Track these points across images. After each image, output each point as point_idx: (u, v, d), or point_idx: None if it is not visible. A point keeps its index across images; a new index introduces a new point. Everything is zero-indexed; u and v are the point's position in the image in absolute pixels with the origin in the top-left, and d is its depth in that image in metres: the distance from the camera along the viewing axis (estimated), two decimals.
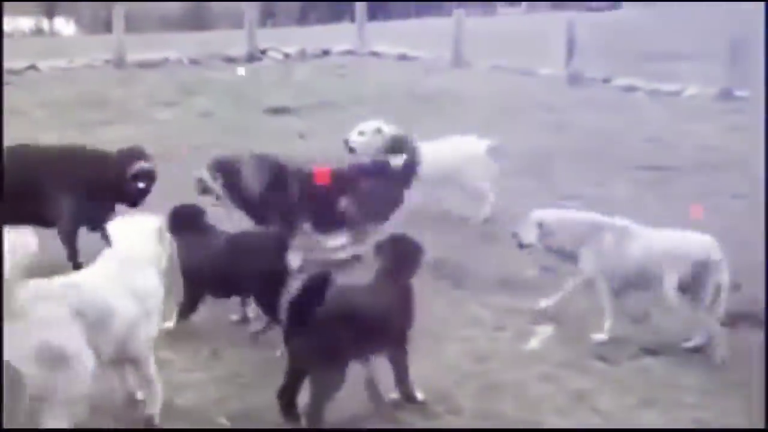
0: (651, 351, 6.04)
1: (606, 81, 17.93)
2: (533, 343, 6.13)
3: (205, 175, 7.48)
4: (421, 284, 6.94)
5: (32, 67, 18.60)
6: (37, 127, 12.54)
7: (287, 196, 7.46)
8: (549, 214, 6.48)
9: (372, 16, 23.24)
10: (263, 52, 21.15)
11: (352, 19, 23.56)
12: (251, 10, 21.21)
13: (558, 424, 5.11)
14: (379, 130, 8.70)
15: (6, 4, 34.55)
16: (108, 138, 11.87)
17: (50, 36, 36.91)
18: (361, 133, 8.77)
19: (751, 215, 7.83)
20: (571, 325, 6.40)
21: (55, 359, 4.21)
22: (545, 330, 6.30)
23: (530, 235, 6.44)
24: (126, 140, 11.64)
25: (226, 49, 20.82)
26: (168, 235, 5.21)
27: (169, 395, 5.13)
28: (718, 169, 10.90)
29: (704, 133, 13.25)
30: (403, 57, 21.34)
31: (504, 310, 6.64)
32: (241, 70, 17.90)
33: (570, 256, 6.42)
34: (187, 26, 32.29)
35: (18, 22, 37.54)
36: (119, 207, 7.19)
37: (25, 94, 15.60)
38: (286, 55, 21.34)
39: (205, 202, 7.11)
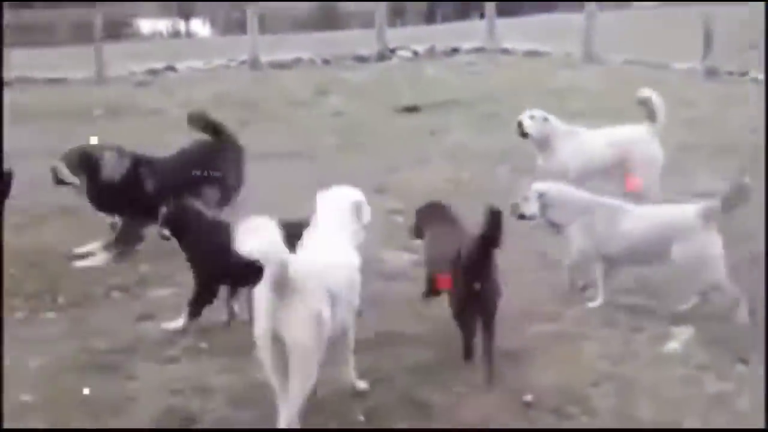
0: None
1: (743, 75, 17.45)
2: (672, 345, 6.03)
3: (61, 166, 7.72)
4: (554, 285, 6.99)
5: (170, 68, 19.19)
6: (174, 126, 12.91)
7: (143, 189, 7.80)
8: (550, 186, 6.87)
9: (501, 12, 23.11)
10: (393, 51, 21.30)
11: (481, 17, 23.51)
12: (381, 10, 21.38)
13: (697, 427, 5.02)
14: (545, 119, 8.80)
15: (145, 6, 35.76)
16: (245, 138, 12.16)
17: (186, 37, 37.91)
18: (531, 117, 8.82)
19: None
20: (712, 327, 6.26)
21: (321, 330, 4.65)
22: (684, 331, 6.19)
23: (532, 207, 6.75)
24: (261, 140, 11.96)
25: (357, 48, 21.04)
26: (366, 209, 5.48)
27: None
28: None
29: None
30: (533, 53, 21.18)
31: (641, 312, 6.54)
32: None
33: (561, 231, 6.80)
34: (318, 26, 32.72)
35: (156, 25, 38.72)
36: None
37: (163, 95, 16.10)
38: (416, 54, 21.44)
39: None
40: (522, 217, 6.82)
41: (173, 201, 6.43)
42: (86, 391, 5.23)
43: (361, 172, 10.33)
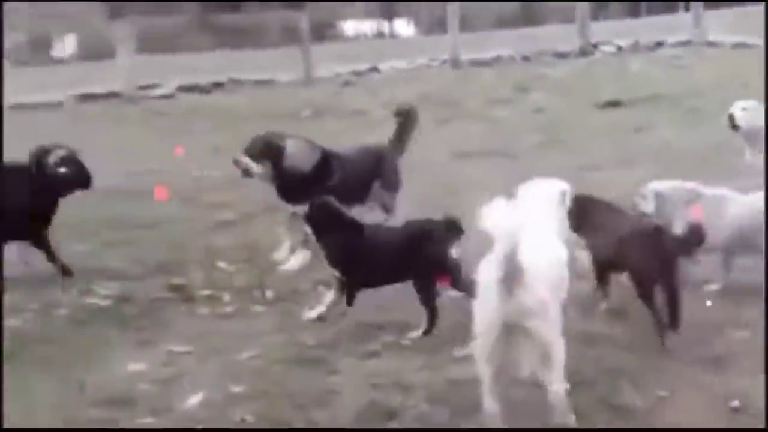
0: None
1: None
2: None
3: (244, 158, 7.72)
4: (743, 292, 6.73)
5: (374, 68, 19.59)
6: (378, 126, 13.18)
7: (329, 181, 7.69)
8: (664, 185, 6.78)
9: (708, 4, 22.42)
10: (595, 45, 21.02)
11: (686, 10, 22.88)
12: (583, 4, 21.13)
13: None
14: (758, 107, 8.57)
15: (350, 8, 36.51)
16: (446, 136, 12.28)
17: (390, 38, 38.48)
18: (744, 109, 8.58)
19: None
20: None
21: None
22: None
23: (649, 206, 6.69)
24: (464, 139, 12.06)
25: (557, 44, 20.87)
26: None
27: None
28: None
29: None
30: (741, 45, 20.44)
31: None
32: None
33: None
34: (518, 23, 32.62)
35: (360, 26, 39.50)
36: None
37: (366, 95, 16.44)
38: (619, 48, 21.09)
39: None
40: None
41: (316, 200, 6.58)
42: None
43: (561, 171, 10.28)
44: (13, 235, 7.36)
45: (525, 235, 4.57)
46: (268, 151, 7.72)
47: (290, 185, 7.72)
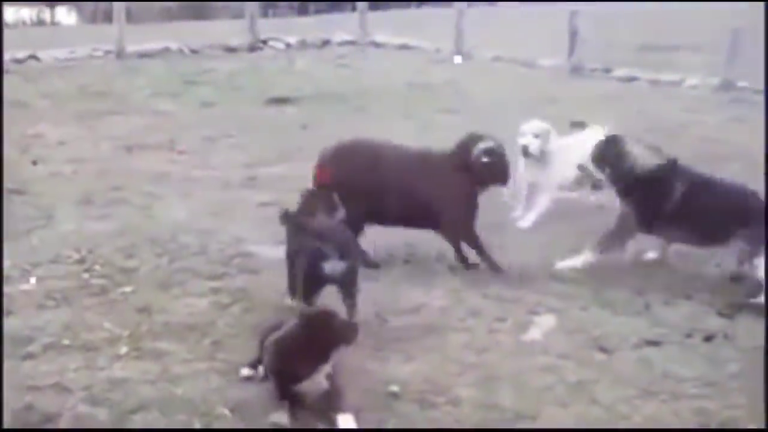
0: (652, 342, 6.03)
1: (607, 72, 17.93)
2: (533, 334, 6.13)
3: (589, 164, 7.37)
4: (423, 275, 7.05)
5: (33, 56, 18.61)
6: (39, 117, 12.57)
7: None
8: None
9: (373, 5, 23.19)
10: (264, 42, 21.14)
11: (353, 10, 23.54)
12: (252, 1, 21.19)
13: (557, 415, 5.10)
14: (549, 131, 8.43)
15: None
16: (111, 130, 11.95)
17: (51, 26, 36.87)
18: (536, 136, 8.38)
19: None
20: (572, 316, 6.41)
21: None
22: (546, 321, 6.31)
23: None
24: (129, 131, 11.75)
25: (227, 39, 20.81)
26: None
27: (169, 386, 5.16)
28: (720, 160, 10.88)
29: (705, 123, 13.25)
30: (404, 47, 21.33)
31: (505, 301, 6.64)
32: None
33: None
34: (187, 16, 32.27)
35: (20, 12, 37.56)
36: None
37: (26, 85, 15.61)
38: (288, 45, 21.33)
39: None
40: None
41: None
42: None
43: (231, 165, 10.27)
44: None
45: None
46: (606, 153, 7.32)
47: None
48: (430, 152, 7.44)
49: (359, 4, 22.21)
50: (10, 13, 37.36)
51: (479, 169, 7.15)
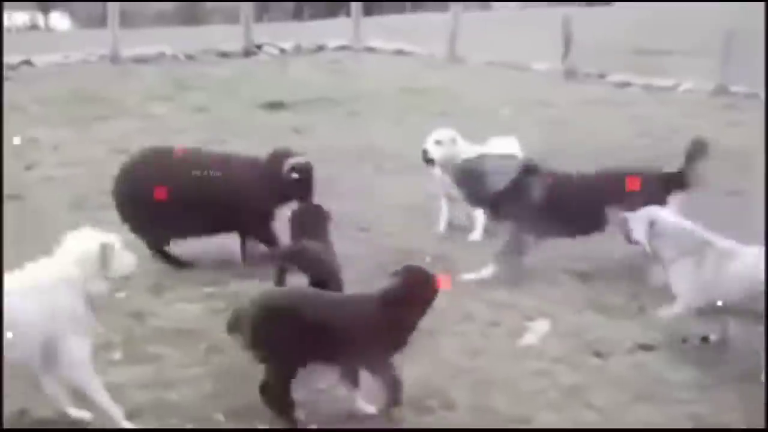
0: (646, 346, 6.04)
1: (601, 76, 17.95)
2: (528, 339, 6.14)
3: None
4: None
5: (27, 62, 18.56)
6: (34, 122, 12.55)
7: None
8: (664, 215, 6.31)
9: (367, 11, 23.19)
10: (258, 47, 21.12)
11: (348, 15, 23.52)
12: (247, 5, 21.18)
13: (551, 419, 5.12)
14: (454, 140, 8.23)
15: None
16: (104, 134, 11.93)
17: (45, 31, 36.85)
18: (438, 143, 8.20)
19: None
20: (566, 321, 6.41)
21: None
22: (540, 325, 6.32)
23: (641, 232, 6.24)
24: (123, 136, 11.72)
25: (222, 44, 20.80)
26: (114, 254, 4.92)
27: (164, 391, 5.16)
28: (713, 163, 10.89)
29: (700, 128, 13.24)
30: (398, 52, 21.32)
31: (499, 306, 6.65)
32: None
33: (666, 264, 6.24)
34: (182, 22, 32.28)
35: (13, 17, 37.51)
36: None
37: (20, 90, 15.56)
38: (282, 51, 21.32)
39: None
40: (630, 241, 6.41)
41: None
42: None
43: None
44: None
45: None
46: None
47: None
48: (239, 160, 7.66)
49: (353, 10, 22.20)
50: (4, 17, 37.36)
51: (287, 183, 7.34)
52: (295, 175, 7.33)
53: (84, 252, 4.83)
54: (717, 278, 5.86)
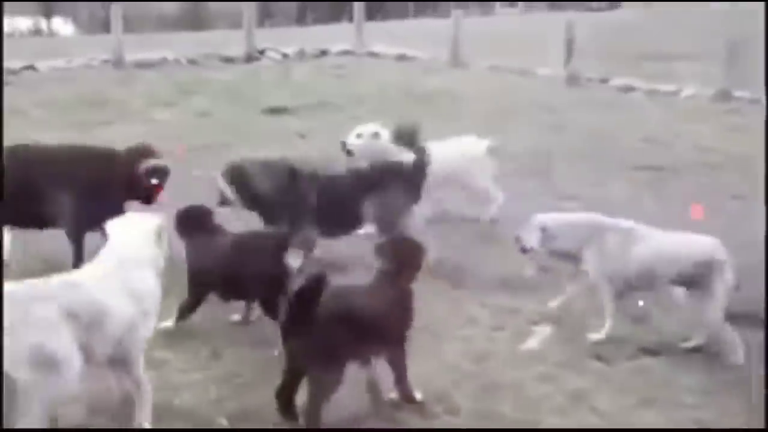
0: (650, 351, 6.04)
1: (604, 81, 17.98)
2: (532, 343, 6.14)
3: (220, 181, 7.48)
4: (420, 284, 7.03)
5: (30, 67, 18.59)
6: (36, 127, 12.54)
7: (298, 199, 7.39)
8: (551, 218, 6.40)
9: (370, 16, 23.22)
10: (261, 52, 21.15)
11: (350, 20, 23.56)
12: (249, 10, 21.20)
13: (556, 424, 5.11)
14: (376, 134, 8.44)
15: (4, 4, 34.69)
16: (107, 138, 11.90)
17: (48, 36, 36.88)
18: (358, 136, 8.50)
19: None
20: (570, 325, 6.41)
21: (45, 363, 4.18)
22: (544, 330, 6.32)
23: (533, 239, 6.34)
24: (125, 140, 11.69)
25: (224, 49, 20.82)
26: (166, 235, 5.16)
27: (168, 396, 5.16)
28: (716, 169, 10.93)
29: (702, 133, 13.28)
30: (401, 57, 21.37)
31: (503, 310, 6.65)
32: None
33: (573, 259, 6.36)
34: (184, 26, 32.31)
35: (16, 22, 37.56)
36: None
37: (23, 94, 15.58)
38: (285, 55, 21.35)
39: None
40: (524, 251, 6.48)
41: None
42: None
43: None
44: None
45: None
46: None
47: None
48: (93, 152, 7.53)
49: (356, 15, 22.24)
50: (6, 22, 37.43)
51: (137, 182, 7.22)
52: (154, 181, 7.22)
53: (150, 232, 5.00)
54: (624, 258, 6.14)
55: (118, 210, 6.50)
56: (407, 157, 7.75)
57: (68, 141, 8.78)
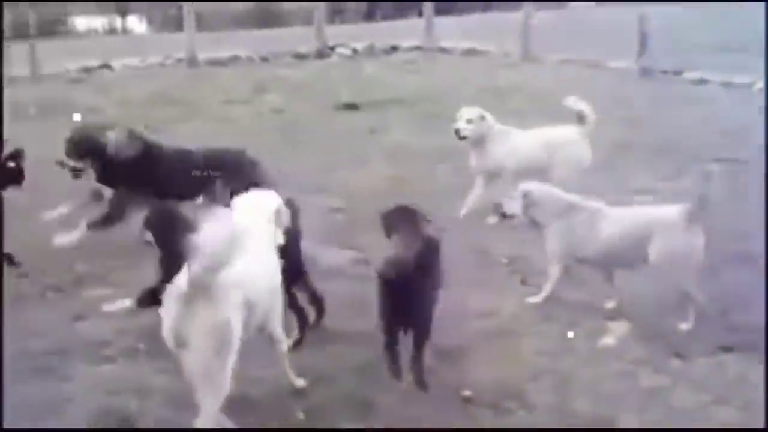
0: (727, 348, 5.96)
1: (677, 74, 17.73)
2: (608, 340, 6.10)
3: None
4: (493, 280, 7.04)
5: (106, 65, 18.94)
6: (112, 125, 12.74)
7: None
8: (535, 186, 6.81)
9: (439, 11, 23.18)
10: (332, 48, 21.27)
11: (419, 15, 23.55)
12: (320, 8, 21.34)
13: (633, 421, 5.08)
14: (482, 117, 8.87)
15: (80, 4, 35.29)
16: (183, 135, 12.09)
17: (123, 34, 37.44)
18: (469, 121, 8.84)
19: None
20: (647, 322, 6.35)
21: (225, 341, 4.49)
22: (620, 326, 6.27)
23: (515, 206, 6.74)
24: (200, 138, 11.88)
25: (296, 46, 20.98)
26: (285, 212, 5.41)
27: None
28: None
29: None
30: (471, 52, 21.31)
31: (578, 307, 6.61)
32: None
33: (540, 230, 6.73)
34: (257, 24, 32.57)
35: (92, 21, 38.21)
36: None
37: (99, 93, 15.87)
38: (355, 51, 21.44)
39: None
40: (504, 216, 6.97)
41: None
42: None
43: (301, 171, 10.32)
44: None
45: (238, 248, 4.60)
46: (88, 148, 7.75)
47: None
48: None
49: (426, 10, 22.22)
50: (82, 22, 38.07)
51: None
52: (11, 164, 7.42)
53: (272, 211, 5.27)
54: (586, 236, 6.51)
55: None
56: None
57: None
